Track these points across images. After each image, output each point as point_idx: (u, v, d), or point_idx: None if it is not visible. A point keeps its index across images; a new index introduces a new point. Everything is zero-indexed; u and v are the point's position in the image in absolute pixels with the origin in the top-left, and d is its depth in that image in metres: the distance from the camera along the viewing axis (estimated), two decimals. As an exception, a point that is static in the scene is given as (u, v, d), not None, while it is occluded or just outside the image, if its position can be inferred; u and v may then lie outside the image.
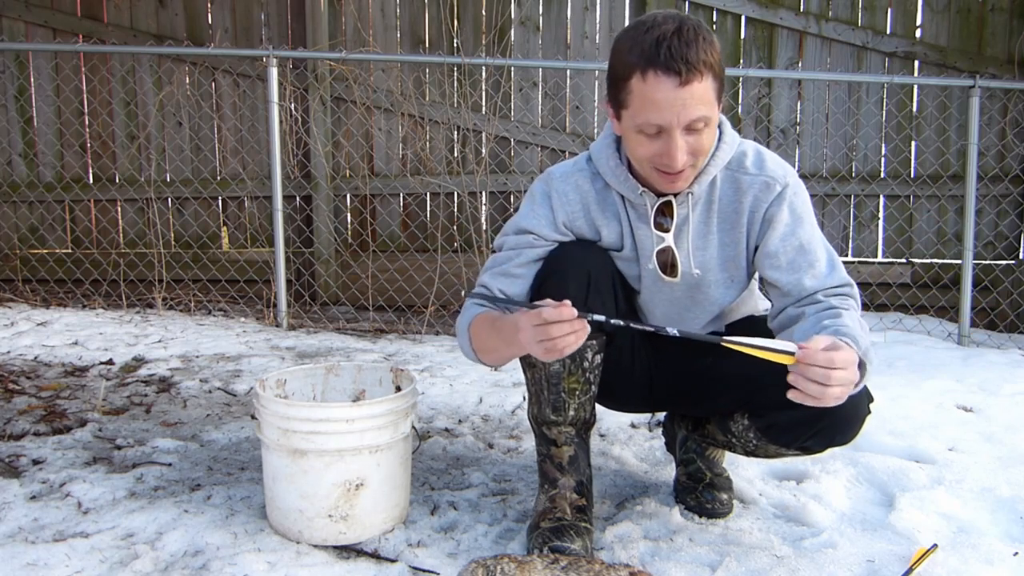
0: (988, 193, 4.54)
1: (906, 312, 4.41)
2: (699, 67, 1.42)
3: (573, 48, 4.76)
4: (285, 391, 1.94)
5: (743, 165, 1.67)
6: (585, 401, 1.76)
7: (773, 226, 1.65)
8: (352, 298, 4.68)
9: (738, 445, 1.82)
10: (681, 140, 1.47)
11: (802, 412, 1.63)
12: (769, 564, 1.65)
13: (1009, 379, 3.15)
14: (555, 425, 1.77)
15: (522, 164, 4.79)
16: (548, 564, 1.51)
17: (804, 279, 1.64)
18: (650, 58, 1.43)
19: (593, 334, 1.69)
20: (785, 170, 1.67)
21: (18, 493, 1.93)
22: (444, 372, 3.19)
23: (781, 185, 1.64)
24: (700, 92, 1.44)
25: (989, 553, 1.69)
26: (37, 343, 3.49)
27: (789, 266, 1.65)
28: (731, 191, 1.67)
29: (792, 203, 1.65)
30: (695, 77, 1.42)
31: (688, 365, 1.81)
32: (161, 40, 4.67)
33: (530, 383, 1.78)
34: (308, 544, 1.71)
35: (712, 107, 1.48)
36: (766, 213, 1.66)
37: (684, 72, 1.41)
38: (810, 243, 1.66)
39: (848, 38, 4.60)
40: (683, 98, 1.43)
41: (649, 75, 1.44)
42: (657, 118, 1.45)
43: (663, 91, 1.43)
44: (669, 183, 1.57)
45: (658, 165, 1.53)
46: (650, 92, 1.44)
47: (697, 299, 1.74)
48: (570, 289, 1.64)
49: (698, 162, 1.55)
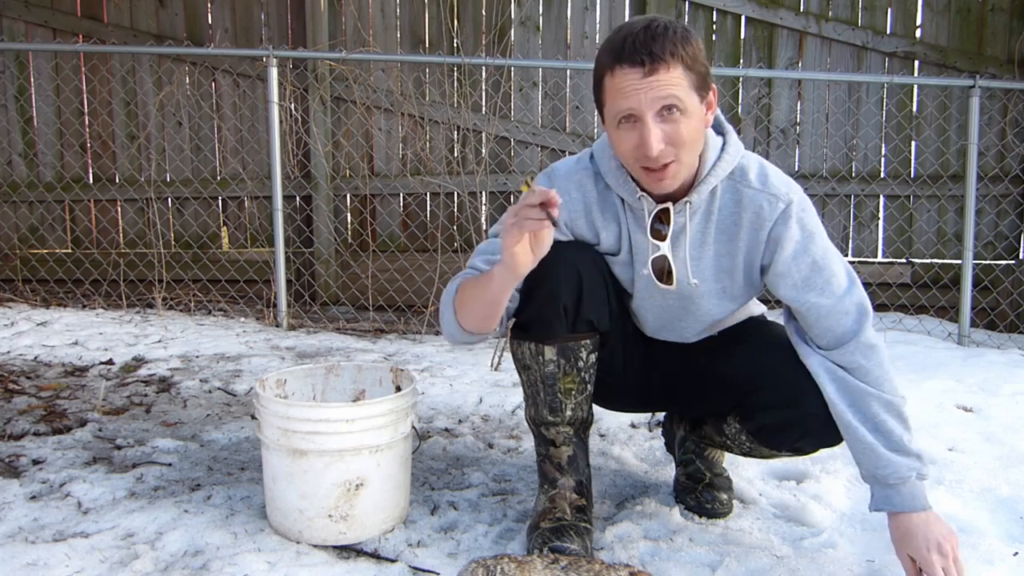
0: (988, 193, 4.54)
1: (906, 312, 4.41)
2: (664, 57, 1.45)
3: (573, 48, 4.76)
4: (285, 391, 1.94)
5: (746, 177, 1.63)
6: (581, 401, 1.75)
7: (782, 245, 1.60)
8: (352, 298, 4.68)
9: (734, 447, 1.83)
10: (655, 127, 1.47)
11: (789, 414, 1.65)
12: (769, 564, 1.65)
13: (1009, 379, 3.15)
14: (553, 425, 1.77)
15: (522, 164, 4.79)
16: (548, 564, 1.51)
17: (821, 299, 1.60)
18: (617, 54, 1.48)
19: (587, 333, 1.69)
20: (789, 187, 1.62)
21: (18, 493, 1.93)
22: (444, 372, 3.19)
23: (784, 202, 1.60)
24: (668, 78, 1.46)
25: (989, 553, 1.69)
26: (37, 343, 3.49)
27: (804, 284, 1.61)
28: (731, 202, 1.64)
29: (801, 219, 1.61)
30: (660, 66, 1.45)
31: (683, 366, 1.81)
32: (161, 40, 4.67)
33: (526, 385, 1.77)
34: (308, 544, 1.71)
35: (686, 94, 1.48)
36: (771, 233, 1.61)
37: (648, 62, 1.45)
38: (824, 259, 1.61)
39: (848, 38, 4.60)
40: (648, 83, 1.46)
41: (616, 69, 1.48)
42: (625, 104, 1.48)
43: (628, 80, 1.47)
44: (655, 181, 1.54)
45: (640, 160, 1.52)
46: (617, 83, 1.49)
47: (689, 309, 1.72)
48: (562, 292, 1.63)
49: (681, 156, 1.51)
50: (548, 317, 1.65)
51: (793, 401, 1.65)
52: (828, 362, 1.61)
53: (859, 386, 1.58)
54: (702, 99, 1.51)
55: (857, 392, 1.58)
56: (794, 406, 1.65)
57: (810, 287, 1.61)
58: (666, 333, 1.80)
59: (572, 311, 1.65)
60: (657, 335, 1.81)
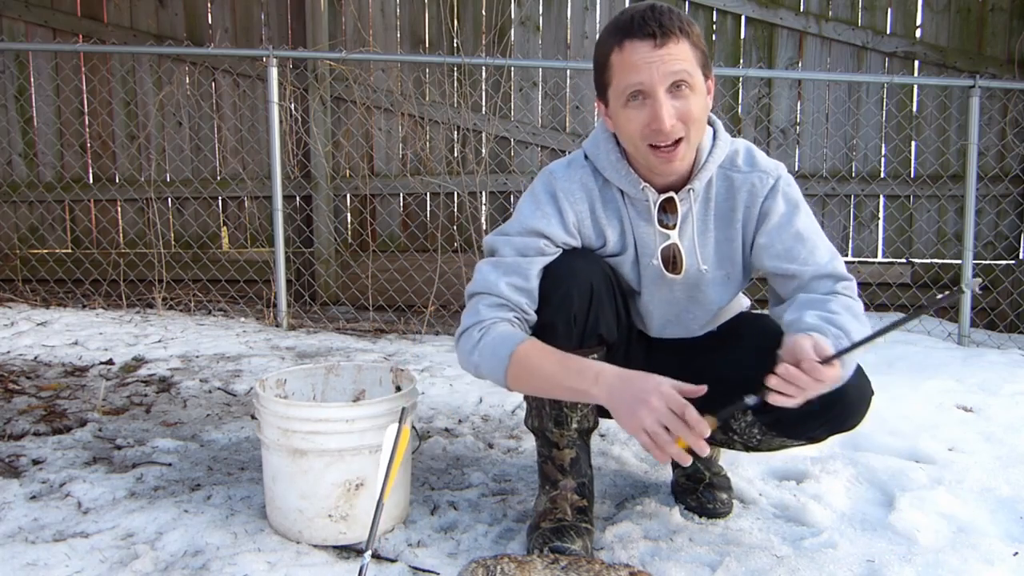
0: (988, 193, 4.54)
1: (906, 312, 4.41)
2: (674, 30, 1.46)
3: (573, 48, 4.76)
4: (285, 391, 1.94)
5: (735, 163, 1.68)
6: (587, 412, 1.75)
7: (769, 217, 1.66)
8: (352, 298, 4.68)
9: (738, 442, 1.81)
10: (666, 101, 1.48)
11: (810, 405, 1.61)
12: (769, 564, 1.65)
13: (1009, 379, 3.15)
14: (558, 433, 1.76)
15: (522, 164, 4.79)
16: (548, 564, 1.51)
17: (804, 268, 1.63)
18: (625, 30, 1.49)
19: (594, 347, 1.67)
20: (776, 165, 1.69)
21: (18, 493, 1.93)
22: (444, 372, 3.19)
23: (774, 178, 1.66)
24: (678, 52, 1.47)
25: (989, 553, 1.69)
26: (37, 343, 3.49)
27: (787, 254, 1.64)
28: (724, 189, 1.68)
29: (786, 192, 1.66)
30: (671, 38, 1.46)
31: (682, 366, 1.78)
32: (161, 40, 4.67)
33: (531, 398, 1.76)
34: (308, 544, 1.71)
35: (695, 69, 1.50)
36: (762, 207, 1.66)
37: (659, 35, 1.46)
38: (807, 231, 1.66)
39: (848, 38, 4.60)
40: (660, 56, 1.46)
41: (625, 44, 1.49)
42: (636, 78, 1.48)
43: (639, 53, 1.47)
44: (666, 160, 1.55)
45: (650, 139, 1.52)
46: (627, 57, 1.49)
47: (696, 298, 1.74)
48: (575, 307, 1.61)
49: (690, 134, 1.53)
50: (559, 334, 1.62)
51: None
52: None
53: (820, 299, 1.58)
54: (705, 78, 1.54)
55: (817, 302, 1.58)
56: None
57: (792, 258, 1.64)
58: (672, 329, 1.80)
59: (582, 325, 1.64)
60: (662, 333, 1.81)
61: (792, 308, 1.61)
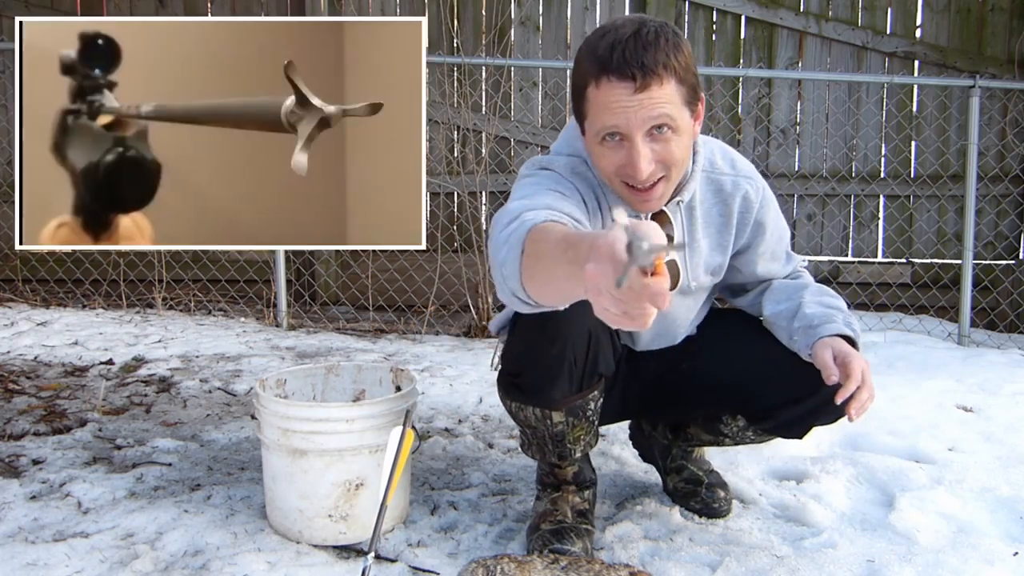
0: (988, 193, 4.54)
1: (906, 312, 4.40)
2: (657, 70, 1.31)
3: (573, 48, 4.76)
4: (285, 391, 1.94)
5: (715, 165, 1.59)
6: (590, 439, 1.69)
7: (766, 226, 1.66)
8: (352, 298, 4.67)
9: (729, 440, 1.82)
10: (644, 147, 1.35)
11: (809, 403, 1.61)
12: (769, 564, 1.65)
13: (1009, 379, 3.15)
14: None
15: (522, 164, 4.77)
16: (548, 564, 1.51)
17: (786, 267, 1.74)
18: (604, 64, 1.33)
19: (595, 385, 1.60)
20: (752, 166, 1.68)
21: (18, 493, 1.93)
22: (444, 372, 3.19)
23: (761, 184, 1.65)
24: (660, 95, 1.32)
25: (989, 553, 1.69)
26: (37, 343, 3.49)
27: (773, 256, 1.72)
28: (711, 194, 1.60)
29: (768, 198, 1.66)
30: (653, 81, 1.31)
31: (665, 372, 1.75)
32: (161, 40, 4.66)
33: (530, 436, 1.68)
34: (308, 544, 1.71)
35: (679, 111, 1.36)
36: (757, 217, 1.64)
37: (640, 77, 1.30)
38: (783, 229, 1.72)
39: (848, 38, 4.60)
40: (639, 100, 1.32)
41: (603, 81, 1.33)
42: (612, 121, 1.34)
43: (615, 95, 1.32)
44: (641, 201, 1.44)
45: (625, 179, 1.41)
46: (603, 98, 1.34)
47: (690, 306, 1.71)
48: (576, 355, 1.51)
49: (671, 174, 1.41)
50: (557, 385, 1.53)
51: (808, 390, 1.57)
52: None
53: (793, 285, 1.70)
54: (692, 113, 1.41)
55: (791, 287, 1.70)
56: (812, 394, 1.57)
57: (775, 257, 1.72)
58: (659, 342, 1.74)
59: (581, 370, 1.54)
60: (649, 347, 1.75)
61: (771, 298, 1.68)
